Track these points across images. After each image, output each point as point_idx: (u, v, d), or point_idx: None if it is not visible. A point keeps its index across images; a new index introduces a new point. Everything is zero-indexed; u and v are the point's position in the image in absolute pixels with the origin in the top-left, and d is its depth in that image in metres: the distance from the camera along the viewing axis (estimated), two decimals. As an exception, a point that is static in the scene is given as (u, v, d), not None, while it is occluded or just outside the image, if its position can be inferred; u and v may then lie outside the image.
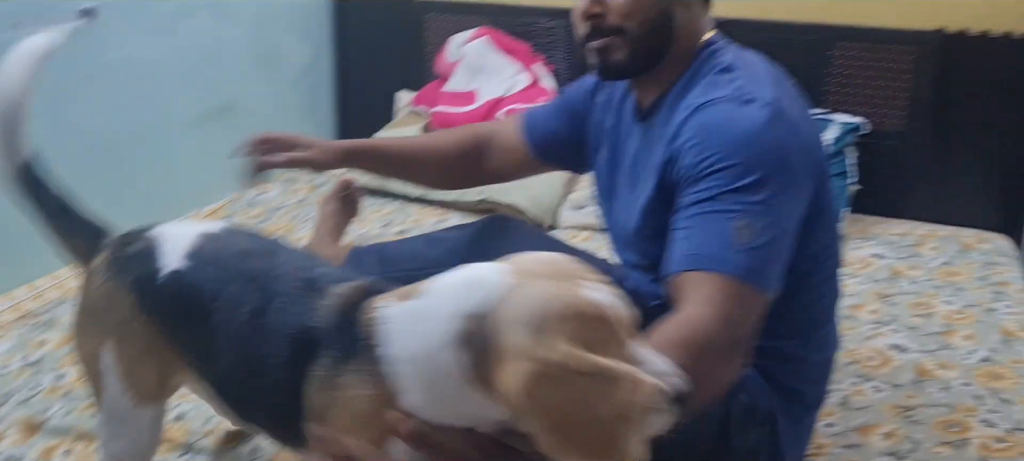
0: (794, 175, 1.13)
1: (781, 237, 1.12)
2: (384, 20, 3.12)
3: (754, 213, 1.08)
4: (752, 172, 1.09)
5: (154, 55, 2.46)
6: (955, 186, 2.62)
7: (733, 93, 1.15)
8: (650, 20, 1.24)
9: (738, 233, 1.08)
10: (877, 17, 2.60)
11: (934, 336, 1.93)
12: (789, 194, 1.12)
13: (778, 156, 1.11)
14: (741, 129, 1.12)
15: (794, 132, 1.15)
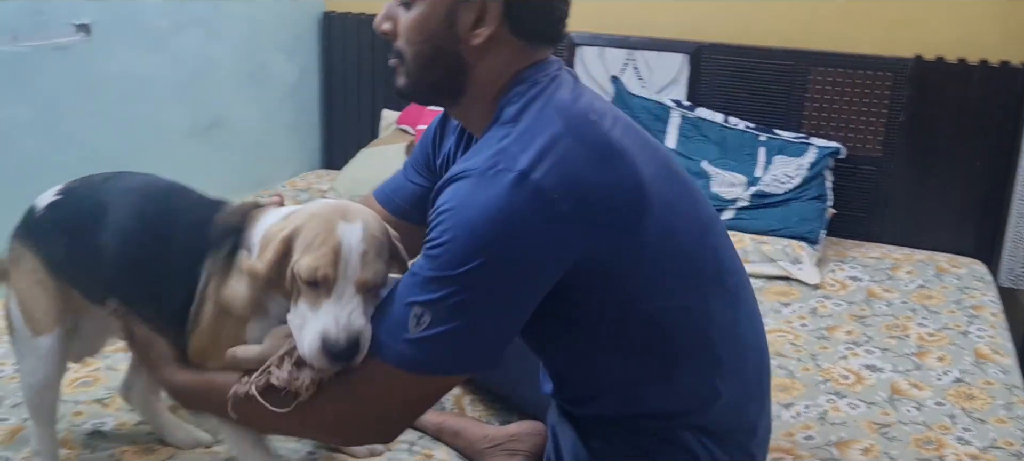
0: (519, 261, 1.04)
1: (474, 325, 1.06)
2: (371, 40, 3.16)
3: (437, 305, 1.04)
4: (457, 263, 1.02)
5: (147, 71, 2.49)
6: (930, 211, 2.69)
7: (485, 162, 1.06)
8: (426, 53, 1.17)
9: (414, 322, 1.05)
10: (855, 43, 2.68)
11: (908, 357, 1.98)
12: (506, 281, 1.05)
13: (498, 244, 1.02)
14: (466, 215, 1.03)
15: (543, 206, 1.03)
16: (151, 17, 2.48)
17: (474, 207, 1.03)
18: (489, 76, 1.17)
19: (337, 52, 3.23)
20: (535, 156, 1.04)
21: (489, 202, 1.02)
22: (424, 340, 1.05)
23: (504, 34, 1.15)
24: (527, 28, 1.16)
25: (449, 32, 1.15)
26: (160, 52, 2.53)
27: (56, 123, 2.24)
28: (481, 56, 1.16)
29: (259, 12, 2.92)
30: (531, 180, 1.03)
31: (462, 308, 1.04)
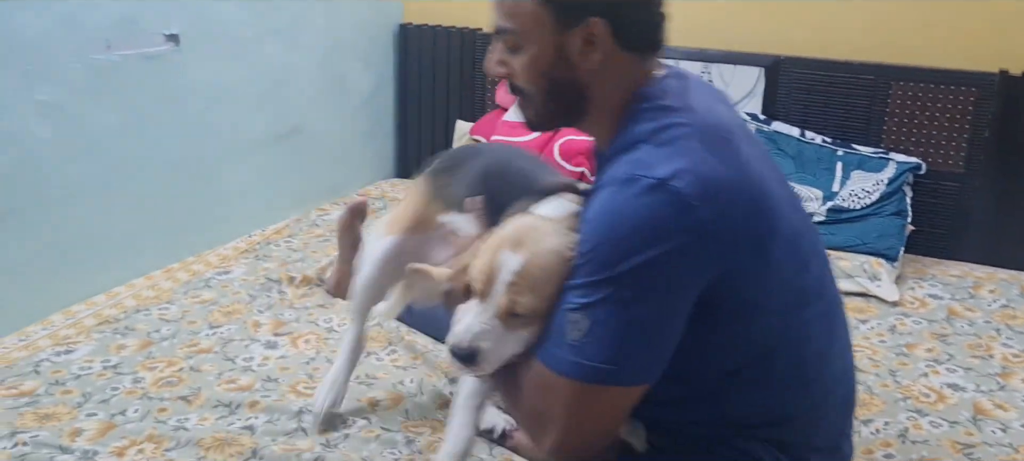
0: (663, 264, 1.05)
1: (626, 331, 1.07)
2: (446, 51, 3.20)
3: (590, 309, 1.07)
4: (605, 266, 1.06)
5: (230, 79, 2.57)
6: (1014, 230, 2.61)
7: (624, 173, 1.09)
8: (545, 88, 1.21)
9: (571, 327, 1.09)
10: (937, 57, 2.62)
11: (992, 377, 1.93)
12: (653, 283, 1.06)
13: (642, 245, 1.05)
14: (608, 221, 1.08)
15: (684, 211, 1.05)
16: (235, 27, 2.56)
17: (616, 212, 1.07)
18: (609, 93, 1.20)
19: (412, 63, 3.28)
20: (673, 166, 1.07)
21: (629, 206, 1.06)
22: (581, 345, 1.08)
23: (614, 51, 1.18)
24: (635, 41, 1.19)
25: (563, 64, 1.18)
26: (243, 61, 2.61)
27: (144, 129, 2.32)
28: (597, 77, 1.19)
29: (338, 22, 2.99)
30: (671, 186, 1.05)
31: (613, 312, 1.07)
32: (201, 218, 2.53)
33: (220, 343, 1.94)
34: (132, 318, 2.05)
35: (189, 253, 2.47)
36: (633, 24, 1.18)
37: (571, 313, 1.09)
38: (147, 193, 2.36)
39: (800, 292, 1.19)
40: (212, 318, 2.07)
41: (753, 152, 1.18)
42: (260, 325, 2.04)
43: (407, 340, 1.98)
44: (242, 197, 2.67)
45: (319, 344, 1.96)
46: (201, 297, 2.18)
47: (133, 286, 2.25)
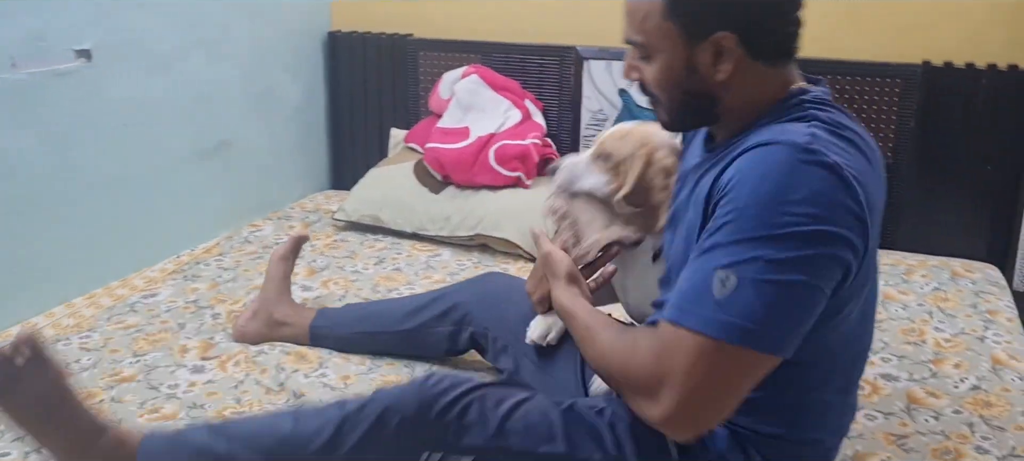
0: (823, 236, 1.05)
1: (778, 293, 1.05)
2: (377, 58, 3.16)
3: (742, 266, 1.05)
4: (766, 225, 1.04)
5: (150, 95, 2.49)
6: (943, 217, 2.66)
7: (799, 140, 1.08)
8: (677, 98, 1.22)
9: (718, 285, 1.06)
10: (862, 51, 2.65)
11: (925, 364, 1.95)
12: (813, 254, 1.05)
13: (808, 214, 1.04)
14: (777, 180, 1.06)
15: (843, 191, 1.06)
16: (152, 41, 2.48)
17: (785, 174, 1.06)
18: (743, 102, 1.20)
19: (343, 71, 3.22)
20: (842, 157, 1.08)
21: (801, 172, 1.05)
22: (725, 302, 1.05)
23: (746, 62, 1.17)
24: (767, 51, 1.19)
25: (693, 76, 1.19)
26: (163, 75, 2.53)
27: (59, 150, 2.23)
28: (729, 88, 1.19)
29: (263, 32, 2.92)
30: (845, 173, 1.06)
31: (765, 271, 1.04)
32: (125, 240, 2.45)
33: (144, 371, 1.87)
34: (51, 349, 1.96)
35: (113, 277, 2.39)
36: (764, 35, 1.18)
37: (719, 270, 1.06)
38: (65, 216, 2.27)
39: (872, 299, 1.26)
40: (137, 345, 1.99)
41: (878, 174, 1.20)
42: (187, 350, 1.98)
43: (336, 362, 1.93)
44: (168, 216, 2.60)
45: (248, 366, 1.90)
46: (125, 323, 2.11)
47: (52, 314, 2.17)
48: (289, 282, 2.10)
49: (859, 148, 1.15)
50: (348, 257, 2.58)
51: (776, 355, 1.09)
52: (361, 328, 1.96)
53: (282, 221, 2.87)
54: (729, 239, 1.07)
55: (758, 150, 1.10)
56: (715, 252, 1.08)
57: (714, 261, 1.07)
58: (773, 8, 1.17)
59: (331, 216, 2.87)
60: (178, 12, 2.55)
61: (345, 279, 2.41)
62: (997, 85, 2.51)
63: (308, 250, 2.62)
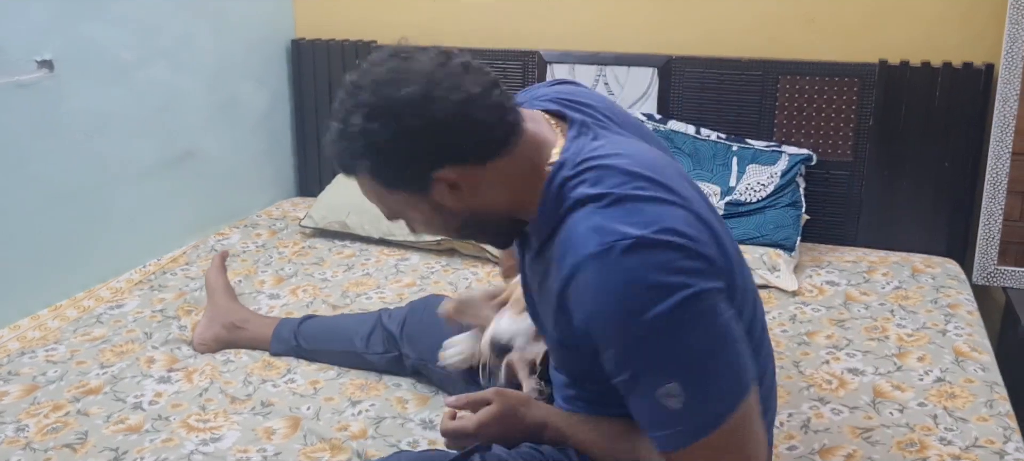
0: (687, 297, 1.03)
1: (717, 354, 1.06)
2: (341, 65, 3.15)
3: (666, 375, 1.04)
4: (640, 341, 1.03)
5: (112, 106, 2.46)
6: (902, 213, 2.70)
7: (587, 253, 1.04)
8: (460, 230, 1.21)
9: (669, 400, 1.04)
10: (821, 51, 2.70)
11: (889, 358, 1.99)
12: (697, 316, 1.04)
13: (658, 298, 1.02)
14: (613, 298, 1.03)
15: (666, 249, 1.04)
16: (114, 51, 2.46)
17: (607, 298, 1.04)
18: (510, 196, 1.17)
19: (307, 79, 3.21)
20: (601, 232, 1.05)
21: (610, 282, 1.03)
22: (690, 405, 1.04)
23: (474, 174, 1.12)
24: (490, 152, 1.12)
25: (448, 213, 1.16)
26: (125, 86, 2.50)
27: (21, 161, 2.20)
28: (485, 198, 1.15)
29: (226, 41, 2.90)
30: (614, 247, 1.03)
31: (685, 366, 1.04)
32: (89, 251, 2.42)
33: (110, 381, 1.86)
34: (16, 362, 1.94)
35: (78, 289, 2.36)
36: (475, 146, 1.11)
37: (658, 392, 1.04)
38: (28, 229, 2.24)
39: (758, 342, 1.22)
40: (103, 356, 1.97)
41: (686, 185, 1.18)
42: (154, 361, 1.96)
43: (304, 368, 1.93)
44: (133, 226, 2.57)
45: (214, 374, 1.89)
46: (91, 334, 2.08)
47: (17, 327, 2.14)
48: (231, 289, 2.14)
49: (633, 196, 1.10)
50: (316, 264, 2.57)
51: (752, 386, 1.10)
52: (314, 345, 1.96)
53: (249, 229, 2.85)
54: (633, 367, 1.06)
55: (576, 280, 1.06)
56: (638, 384, 1.07)
57: (646, 391, 1.06)
58: (467, 120, 1.09)
59: (298, 223, 2.86)
60: (140, 22, 2.53)
61: (313, 286, 2.40)
62: (952, 83, 2.56)
63: (276, 257, 2.61)
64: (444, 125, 1.08)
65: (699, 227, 1.09)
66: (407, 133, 1.08)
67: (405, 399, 1.81)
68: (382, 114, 1.08)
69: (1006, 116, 2.46)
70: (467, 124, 1.09)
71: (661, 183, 1.11)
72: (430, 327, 1.77)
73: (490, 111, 1.11)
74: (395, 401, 1.80)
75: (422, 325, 1.82)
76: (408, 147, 1.09)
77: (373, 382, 1.87)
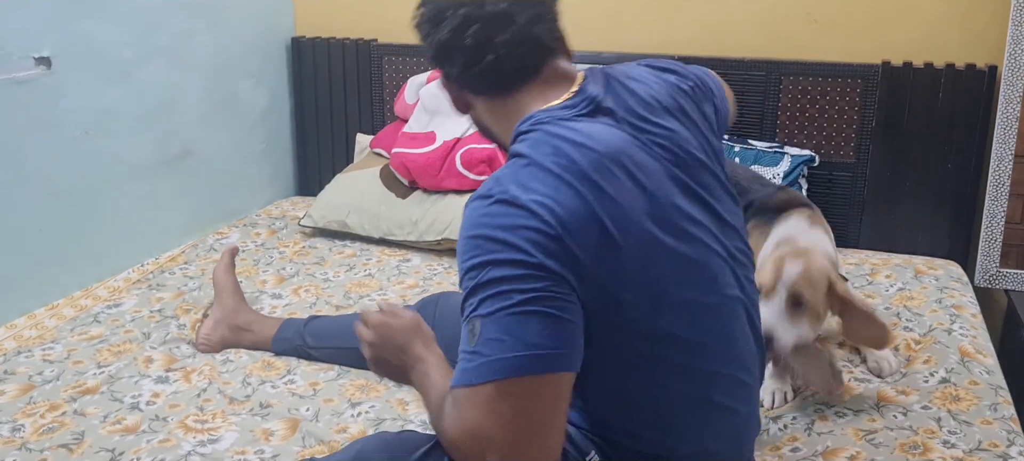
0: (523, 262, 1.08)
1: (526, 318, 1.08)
2: (342, 63, 3.13)
3: (478, 311, 1.09)
4: (473, 275, 1.11)
5: (110, 103, 2.45)
6: (905, 215, 2.69)
7: (484, 189, 1.16)
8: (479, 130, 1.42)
9: (469, 336, 1.10)
10: (823, 52, 2.68)
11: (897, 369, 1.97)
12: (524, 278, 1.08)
13: (491, 246, 1.10)
14: (468, 232, 1.14)
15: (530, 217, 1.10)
16: (113, 48, 2.44)
17: (471, 223, 1.15)
18: (501, 131, 1.32)
19: (308, 77, 3.20)
20: (497, 183, 1.15)
21: (480, 215, 1.14)
22: (480, 346, 1.08)
23: (480, 100, 1.32)
24: (484, 87, 1.30)
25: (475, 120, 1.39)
26: (124, 83, 2.49)
27: (18, 158, 2.19)
28: (487, 118, 1.35)
29: (226, 38, 2.89)
30: (491, 196, 1.14)
31: (495, 307, 1.08)
32: (87, 250, 2.41)
33: (108, 381, 1.84)
34: (12, 361, 1.92)
35: (76, 288, 2.34)
36: (465, 77, 1.28)
37: (465, 323, 1.11)
38: (25, 226, 2.23)
39: (652, 336, 1.19)
40: (100, 356, 1.96)
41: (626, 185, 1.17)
42: (152, 361, 1.94)
43: (304, 369, 1.91)
44: (131, 225, 2.55)
45: (212, 374, 1.87)
46: (89, 333, 2.07)
47: (14, 326, 2.12)
48: (239, 289, 2.11)
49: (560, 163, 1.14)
50: (317, 263, 2.56)
51: (557, 371, 1.09)
52: (321, 344, 1.95)
53: (248, 228, 2.84)
54: (463, 295, 1.13)
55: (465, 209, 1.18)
56: (462, 308, 1.13)
57: (463, 316, 1.13)
58: (461, 52, 1.25)
59: (298, 222, 2.84)
60: (139, 19, 2.52)
61: (315, 286, 2.39)
62: (955, 84, 2.55)
63: (276, 257, 2.59)
64: (445, 46, 1.26)
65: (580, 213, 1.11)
66: (431, 42, 1.29)
67: (406, 401, 1.79)
68: (415, 11, 1.32)
69: (1009, 118, 2.45)
70: (449, 57, 1.27)
71: (588, 177, 1.14)
72: (441, 325, 1.76)
73: (492, 54, 1.23)
74: (395, 403, 1.78)
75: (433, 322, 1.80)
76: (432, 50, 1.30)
77: (373, 383, 1.85)
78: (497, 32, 1.22)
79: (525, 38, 1.24)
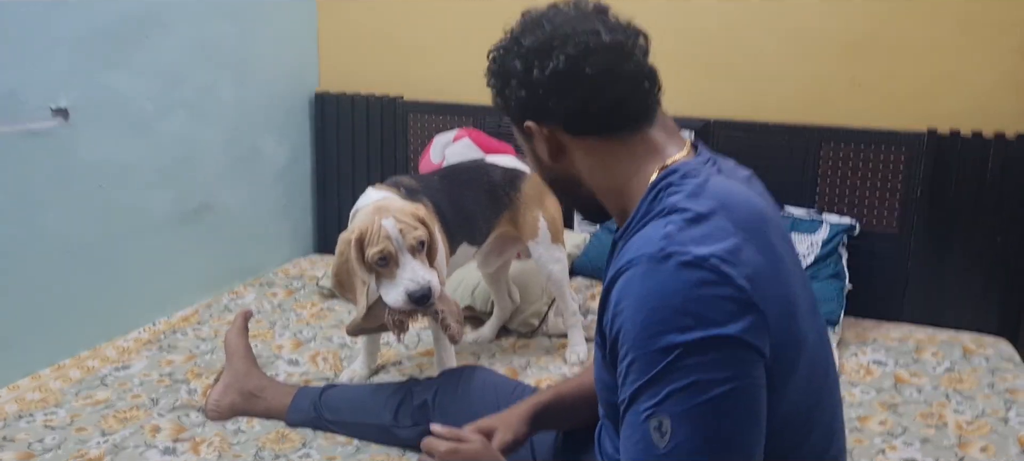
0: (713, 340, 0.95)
1: (721, 411, 0.95)
2: (366, 120, 3.06)
3: (666, 407, 0.95)
4: (657, 359, 0.95)
5: (129, 157, 2.38)
6: (951, 288, 2.57)
7: (657, 249, 0.99)
8: (554, 186, 1.24)
9: (656, 436, 0.96)
10: (866, 118, 2.58)
11: (950, 449, 1.84)
12: (716, 358, 0.95)
13: (687, 326, 0.94)
14: (649, 305, 0.97)
15: (722, 284, 0.96)
16: (133, 100, 2.38)
17: (654, 293, 0.97)
18: (603, 180, 1.15)
19: (330, 133, 3.13)
20: (670, 241, 0.99)
21: (669, 283, 0.97)
22: (675, 450, 0.95)
23: (574, 140, 1.13)
24: (587, 126, 1.12)
25: (543, 164, 1.18)
26: (143, 136, 2.42)
27: (30, 212, 2.12)
28: (580, 166, 1.15)
29: (248, 93, 2.83)
30: (675, 254, 0.97)
31: (686, 399, 0.95)
32: (97, 307, 2.32)
33: (111, 451, 1.73)
34: (12, 427, 1.82)
35: (84, 346, 2.24)
36: (582, 118, 1.11)
37: (650, 419, 0.96)
38: (34, 281, 2.14)
39: (807, 418, 1.09)
40: (106, 423, 1.85)
41: (785, 249, 1.09)
42: (159, 429, 1.83)
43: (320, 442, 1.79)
44: (145, 281, 2.46)
45: (222, 446, 1.76)
46: (95, 398, 1.97)
47: (17, 388, 2.02)
48: (252, 353, 2.00)
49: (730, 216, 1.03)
50: (335, 327, 2.45)
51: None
52: (340, 417, 1.83)
53: (264, 287, 2.74)
54: (639, 381, 0.97)
55: (626, 274, 1.01)
56: (637, 401, 0.98)
57: (640, 411, 0.97)
58: (579, 86, 1.10)
59: (316, 282, 2.75)
60: (161, 71, 2.45)
61: (333, 353, 2.28)
62: (1006, 154, 2.44)
63: (293, 320, 2.49)
64: (559, 76, 1.10)
65: (773, 288, 1.00)
66: (515, 72, 1.14)
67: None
68: (510, 47, 1.15)
69: (1064, 190, 2.33)
70: (563, 90, 1.10)
71: (757, 231, 1.03)
72: (464, 397, 1.66)
73: (614, 93, 1.10)
74: (416, 482, 1.66)
75: (455, 395, 1.70)
76: (515, 86, 1.14)
77: (396, 458, 1.73)
78: (620, 63, 1.10)
79: (647, 72, 1.13)
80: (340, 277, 1.84)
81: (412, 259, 1.76)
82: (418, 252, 1.78)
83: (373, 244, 1.76)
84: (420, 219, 1.81)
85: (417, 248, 1.78)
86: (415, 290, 1.75)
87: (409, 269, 1.76)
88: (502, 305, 2.40)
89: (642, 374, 0.96)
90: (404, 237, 1.76)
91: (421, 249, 1.79)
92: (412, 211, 1.82)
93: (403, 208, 1.82)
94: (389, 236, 1.75)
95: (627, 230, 1.10)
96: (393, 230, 1.75)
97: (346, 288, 1.84)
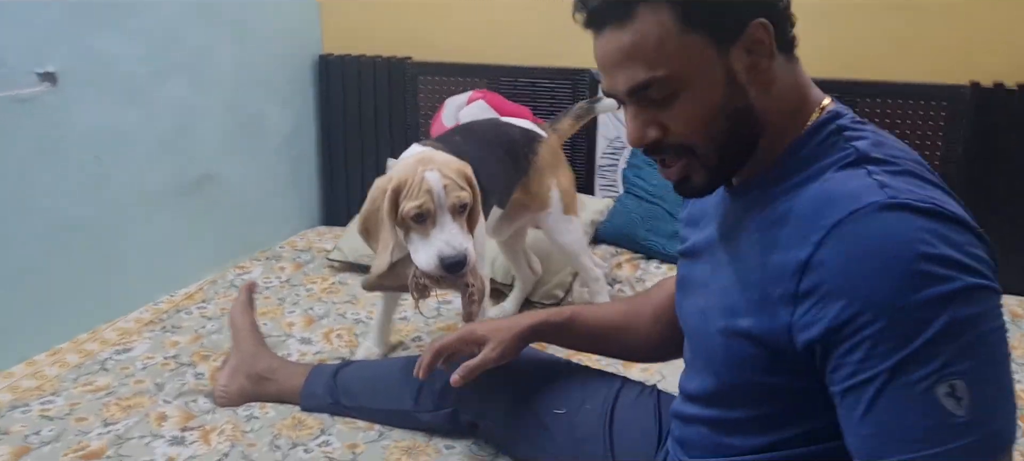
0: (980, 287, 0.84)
1: (1002, 364, 0.85)
2: (373, 84, 2.92)
3: (954, 368, 0.82)
4: (925, 317, 0.82)
5: (123, 125, 2.23)
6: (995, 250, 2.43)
7: (884, 198, 0.86)
8: (724, 128, 0.96)
9: (950, 403, 0.82)
10: (907, 72, 2.45)
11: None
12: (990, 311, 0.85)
13: (952, 274, 0.83)
14: (900, 257, 0.83)
15: (965, 229, 0.87)
16: (126, 64, 2.23)
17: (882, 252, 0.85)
18: (776, 112, 0.98)
19: (336, 98, 2.98)
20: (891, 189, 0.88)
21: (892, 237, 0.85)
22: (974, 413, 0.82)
23: (775, 55, 0.96)
24: (787, 36, 0.99)
25: (735, 90, 0.95)
26: (138, 103, 2.27)
27: (18, 186, 1.98)
28: (767, 92, 0.97)
29: (249, 56, 2.67)
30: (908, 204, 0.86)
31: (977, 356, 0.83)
32: (95, 287, 2.18)
33: (114, 443, 1.60)
34: (7, 417, 1.69)
35: (82, 329, 2.11)
36: (785, 15, 0.98)
37: (934, 388, 0.82)
38: (26, 261, 2.01)
39: None
40: (107, 412, 1.72)
41: None
42: (166, 417, 1.70)
43: (340, 428, 1.66)
44: (145, 259, 2.33)
45: (235, 434, 1.63)
46: (95, 384, 1.84)
47: (11, 375, 1.89)
48: (258, 330, 1.86)
49: (917, 174, 0.93)
50: (349, 302, 2.32)
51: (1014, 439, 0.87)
52: (357, 403, 1.70)
53: (271, 261, 2.61)
54: (905, 348, 0.83)
55: (845, 231, 0.86)
56: (905, 371, 0.83)
57: (915, 380, 0.83)
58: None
59: (326, 256, 2.61)
60: (155, 33, 2.30)
61: (347, 329, 2.14)
62: (1053, 108, 2.31)
63: (303, 295, 2.36)
64: None
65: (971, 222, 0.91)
66: None
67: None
68: None
69: (1121, 144, 2.20)
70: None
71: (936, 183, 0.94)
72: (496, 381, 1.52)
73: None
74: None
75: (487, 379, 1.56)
76: None
77: (421, 444, 1.60)
78: None
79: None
80: (367, 224, 1.69)
81: (451, 221, 1.60)
82: (458, 214, 1.62)
83: (412, 197, 1.59)
84: (467, 179, 1.66)
85: (458, 210, 1.62)
86: (450, 255, 1.58)
87: (447, 231, 1.59)
88: (523, 277, 2.27)
89: (907, 339, 0.83)
90: (447, 194, 1.59)
91: (462, 213, 1.63)
92: (459, 167, 1.65)
93: (449, 162, 1.65)
94: (431, 190, 1.58)
95: (783, 173, 0.97)
96: (437, 185, 1.59)
97: (371, 237, 1.70)
